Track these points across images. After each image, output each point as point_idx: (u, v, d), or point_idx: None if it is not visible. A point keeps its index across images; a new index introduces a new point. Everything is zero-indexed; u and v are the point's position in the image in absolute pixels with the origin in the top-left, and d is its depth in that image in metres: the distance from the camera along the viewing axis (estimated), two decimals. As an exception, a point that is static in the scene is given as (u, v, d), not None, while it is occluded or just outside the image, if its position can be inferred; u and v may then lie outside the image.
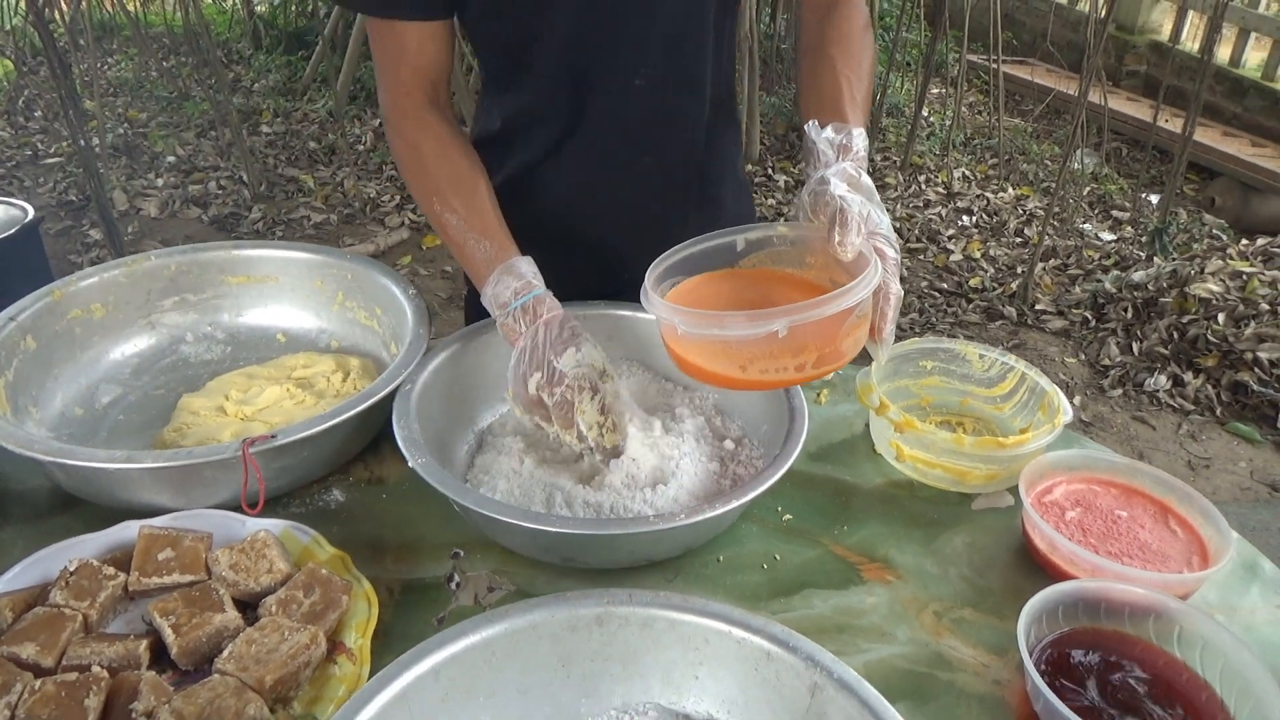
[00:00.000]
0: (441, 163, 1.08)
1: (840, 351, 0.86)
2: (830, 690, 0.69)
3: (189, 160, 4.59)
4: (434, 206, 1.06)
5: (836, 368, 0.88)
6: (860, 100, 1.03)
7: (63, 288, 1.17)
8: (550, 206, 1.23)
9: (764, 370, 0.85)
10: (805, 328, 0.82)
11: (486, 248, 1.03)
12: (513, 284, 0.99)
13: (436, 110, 1.11)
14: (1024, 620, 0.80)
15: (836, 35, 1.09)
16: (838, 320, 0.83)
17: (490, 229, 1.04)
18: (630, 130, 1.17)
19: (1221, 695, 0.79)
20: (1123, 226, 4.33)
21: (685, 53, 1.13)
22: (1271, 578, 0.99)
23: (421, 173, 1.08)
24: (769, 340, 0.82)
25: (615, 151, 1.19)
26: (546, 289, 1.01)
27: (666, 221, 1.23)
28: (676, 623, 0.74)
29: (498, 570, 0.95)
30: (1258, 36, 5.05)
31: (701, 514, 0.86)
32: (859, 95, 1.03)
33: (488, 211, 1.06)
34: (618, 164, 1.20)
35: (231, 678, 0.76)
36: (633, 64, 1.11)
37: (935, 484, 1.09)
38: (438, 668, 0.70)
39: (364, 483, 1.07)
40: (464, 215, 1.05)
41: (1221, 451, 2.93)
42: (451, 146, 1.09)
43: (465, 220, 1.04)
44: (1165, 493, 1.01)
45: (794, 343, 0.83)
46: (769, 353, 0.84)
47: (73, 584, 0.84)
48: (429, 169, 1.08)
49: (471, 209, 1.05)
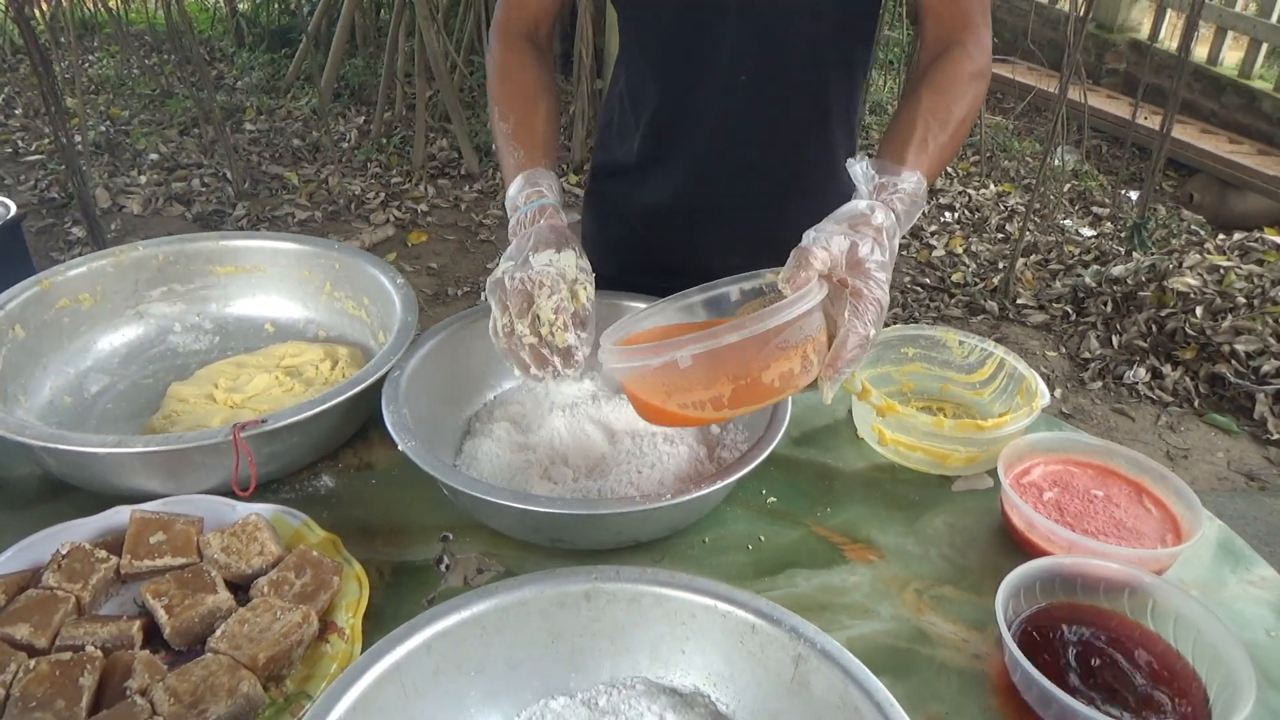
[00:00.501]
0: (511, 79, 1.17)
1: (761, 386, 0.81)
2: (814, 661, 0.70)
3: (172, 158, 4.56)
4: (495, 115, 1.15)
5: (758, 406, 0.83)
6: (933, 147, 0.99)
7: (51, 277, 1.17)
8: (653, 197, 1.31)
9: (683, 404, 0.82)
10: (713, 359, 0.79)
11: (520, 156, 1.09)
12: (527, 190, 1.04)
13: (528, 41, 1.21)
14: (1002, 594, 0.82)
15: (937, 77, 1.06)
16: (749, 351, 0.79)
17: (528, 141, 1.10)
18: (734, 125, 1.21)
19: (1194, 666, 0.82)
20: (1102, 222, 4.37)
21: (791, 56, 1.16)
22: (1244, 555, 1.01)
23: (494, 84, 1.18)
24: (672, 370, 0.80)
25: (719, 145, 1.23)
26: (559, 202, 1.05)
27: (757, 223, 1.26)
28: (663, 598, 0.76)
29: (487, 552, 0.97)
30: (1234, 35, 5.11)
31: (687, 494, 0.87)
32: (932, 141, 0.99)
33: (535, 128, 1.12)
34: (721, 157, 1.24)
35: (225, 656, 0.77)
36: (735, 59, 1.16)
37: (916, 467, 1.11)
38: (429, 642, 0.71)
39: (354, 468, 1.08)
40: (513, 126, 1.12)
41: (1199, 442, 2.97)
42: (526, 70, 1.18)
43: (513, 131, 1.11)
44: (1139, 473, 1.04)
45: (705, 374, 0.80)
46: (683, 385, 0.81)
47: (65, 567, 0.85)
48: (500, 82, 1.18)
49: (521, 123, 1.12)
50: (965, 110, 1.05)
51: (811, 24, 1.14)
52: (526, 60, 1.19)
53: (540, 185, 1.05)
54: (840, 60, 1.19)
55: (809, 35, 1.15)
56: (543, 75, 1.19)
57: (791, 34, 1.14)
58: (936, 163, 1.00)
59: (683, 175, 1.27)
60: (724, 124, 1.21)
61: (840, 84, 1.21)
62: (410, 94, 4.85)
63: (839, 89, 1.21)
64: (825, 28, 1.14)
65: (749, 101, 1.19)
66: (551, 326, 0.93)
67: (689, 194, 1.28)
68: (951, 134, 1.02)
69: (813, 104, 1.21)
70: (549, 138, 1.13)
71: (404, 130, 4.90)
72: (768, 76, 1.17)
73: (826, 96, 1.21)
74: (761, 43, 1.14)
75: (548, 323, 0.93)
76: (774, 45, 1.14)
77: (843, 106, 1.23)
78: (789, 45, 1.15)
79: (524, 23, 1.22)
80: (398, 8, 4.55)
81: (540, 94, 1.16)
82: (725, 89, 1.18)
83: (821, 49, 1.16)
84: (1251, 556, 1.01)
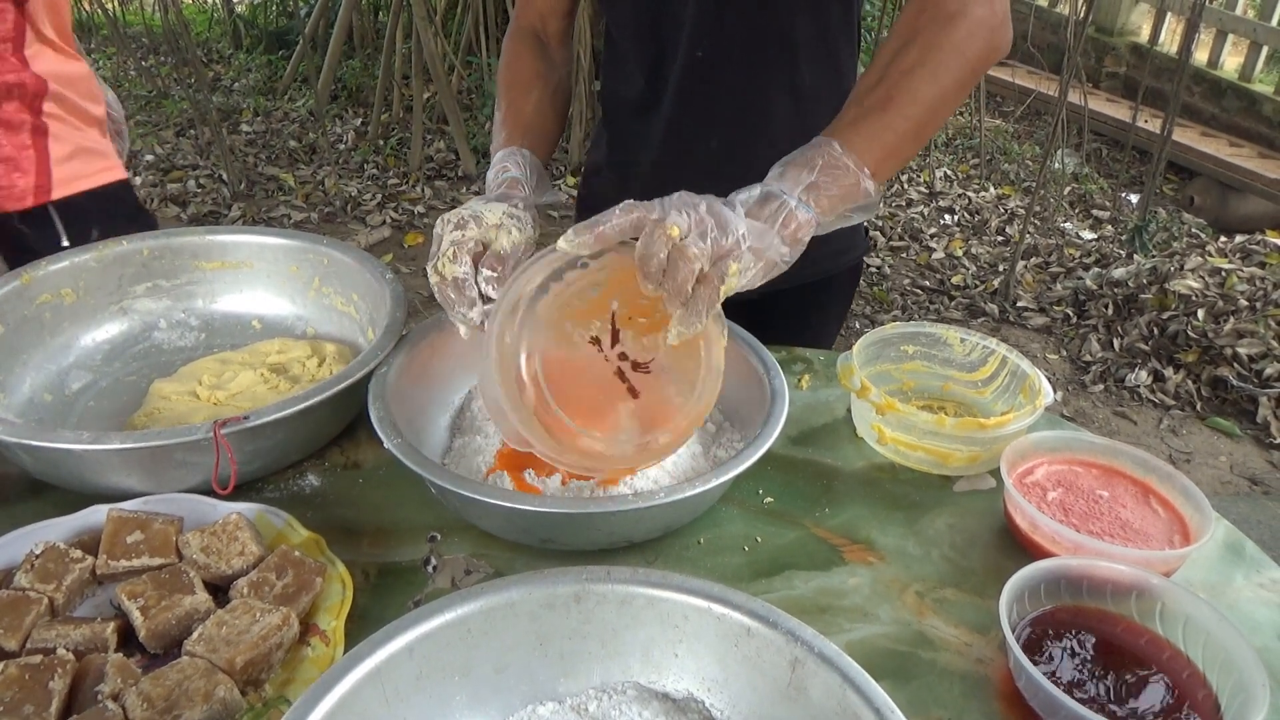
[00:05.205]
0: (509, 68, 1.21)
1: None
2: (811, 664, 0.67)
3: (168, 158, 4.54)
4: (498, 102, 1.18)
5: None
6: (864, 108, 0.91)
7: (31, 272, 1.14)
8: (640, 176, 1.32)
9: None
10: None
11: (500, 138, 1.12)
12: (496, 169, 1.07)
13: (534, 37, 1.25)
14: (1006, 596, 0.80)
15: (894, 29, 0.98)
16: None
17: (512, 123, 1.13)
18: (698, 107, 1.22)
19: (1204, 671, 0.79)
20: (1103, 225, 4.35)
21: (758, 35, 1.15)
22: (1254, 557, 0.99)
23: (498, 77, 1.22)
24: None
25: (685, 127, 1.24)
26: (525, 177, 1.06)
27: None
28: (655, 600, 0.73)
29: (475, 553, 0.94)
30: (1235, 39, 5.09)
31: (681, 493, 0.85)
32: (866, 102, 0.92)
33: (522, 111, 1.15)
34: (686, 140, 1.25)
35: (201, 659, 0.74)
36: (695, 35, 1.16)
37: (917, 466, 1.08)
38: (412, 645, 0.68)
39: (339, 467, 1.05)
40: (504, 110, 1.15)
41: (1202, 446, 2.95)
42: (523, 59, 1.21)
43: (502, 116, 1.15)
44: (1146, 473, 1.01)
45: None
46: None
47: (38, 567, 0.82)
48: (500, 72, 1.23)
49: (512, 106, 1.15)
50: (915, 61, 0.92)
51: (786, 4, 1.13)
52: (525, 51, 1.22)
53: (508, 163, 1.06)
54: (811, 47, 1.18)
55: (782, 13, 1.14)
56: (541, 66, 1.21)
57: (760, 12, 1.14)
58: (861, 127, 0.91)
59: (650, 167, 1.28)
60: (682, 110, 1.22)
61: (815, 73, 1.20)
62: (407, 95, 4.83)
63: (810, 77, 1.20)
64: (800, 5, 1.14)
65: (706, 84, 1.19)
66: (443, 257, 0.92)
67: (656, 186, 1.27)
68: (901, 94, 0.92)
69: (788, 87, 1.19)
70: (535, 121, 1.14)
71: (401, 132, 4.87)
72: (722, 54, 1.16)
73: (799, 78, 1.19)
74: (716, 20, 1.14)
75: (442, 255, 0.92)
76: (729, 24, 1.14)
77: (826, 93, 1.21)
78: (748, 25, 1.14)
79: (530, 19, 1.25)
80: (395, 9, 4.54)
81: (534, 81, 1.18)
82: (681, 70, 1.19)
83: (786, 32, 1.15)
84: (1261, 558, 0.99)
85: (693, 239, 0.79)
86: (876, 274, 3.91)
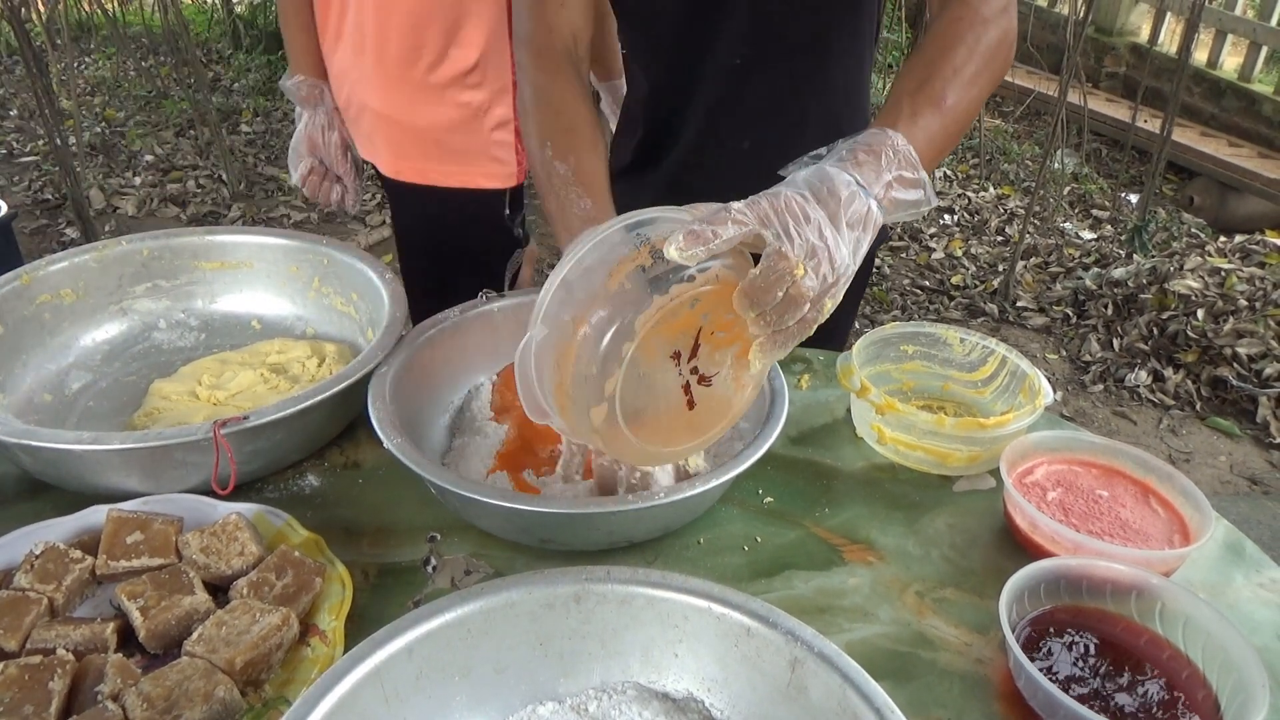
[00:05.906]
0: (560, 114, 1.05)
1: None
2: (811, 664, 0.67)
3: (167, 159, 4.54)
4: (546, 152, 1.03)
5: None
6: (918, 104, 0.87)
7: (31, 272, 1.14)
8: (669, 177, 1.30)
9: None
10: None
11: (586, 205, 0.99)
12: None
13: (570, 65, 1.09)
14: (1006, 596, 0.80)
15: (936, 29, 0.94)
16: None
17: (594, 188, 1.01)
18: (729, 113, 1.20)
19: (1204, 671, 0.79)
20: (1102, 225, 4.35)
21: (796, 41, 1.14)
22: (1254, 557, 0.99)
23: (540, 111, 1.06)
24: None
25: (719, 130, 1.23)
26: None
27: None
28: (655, 600, 0.73)
29: (475, 553, 0.94)
30: (1234, 39, 5.09)
31: (680, 493, 0.85)
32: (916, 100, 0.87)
33: (598, 171, 1.02)
34: (718, 143, 1.24)
35: (200, 659, 0.74)
36: (730, 44, 1.15)
37: (917, 466, 1.08)
38: (411, 646, 0.68)
39: (339, 468, 1.05)
40: (574, 167, 1.01)
41: (1202, 446, 2.95)
42: (572, 102, 1.06)
43: (575, 172, 1.01)
44: (1146, 473, 1.01)
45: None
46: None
47: (38, 567, 0.82)
48: (543, 110, 1.06)
49: (583, 165, 1.02)
50: (962, 62, 0.91)
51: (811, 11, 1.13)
52: (568, 88, 1.07)
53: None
54: (842, 48, 1.18)
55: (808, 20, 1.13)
56: (590, 112, 1.08)
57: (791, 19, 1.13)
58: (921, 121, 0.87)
59: (679, 168, 1.27)
60: (715, 114, 1.20)
61: (844, 73, 1.20)
62: (407, 96, 4.82)
63: (841, 78, 1.20)
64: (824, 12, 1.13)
65: (742, 88, 1.18)
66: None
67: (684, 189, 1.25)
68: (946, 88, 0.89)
69: (821, 89, 1.20)
70: (607, 181, 1.03)
71: (401, 132, 4.86)
72: (760, 60, 1.16)
73: (828, 85, 1.19)
74: (759, 28, 1.13)
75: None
76: (771, 31, 1.13)
77: (853, 93, 1.22)
78: (787, 30, 1.14)
79: (562, 40, 1.09)
80: (395, 9, 4.52)
81: (592, 127, 1.05)
82: (716, 76, 1.17)
83: (822, 35, 1.15)
84: (1261, 558, 0.99)
85: (809, 278, 0.73)
86: (876, 274, 3.91)
